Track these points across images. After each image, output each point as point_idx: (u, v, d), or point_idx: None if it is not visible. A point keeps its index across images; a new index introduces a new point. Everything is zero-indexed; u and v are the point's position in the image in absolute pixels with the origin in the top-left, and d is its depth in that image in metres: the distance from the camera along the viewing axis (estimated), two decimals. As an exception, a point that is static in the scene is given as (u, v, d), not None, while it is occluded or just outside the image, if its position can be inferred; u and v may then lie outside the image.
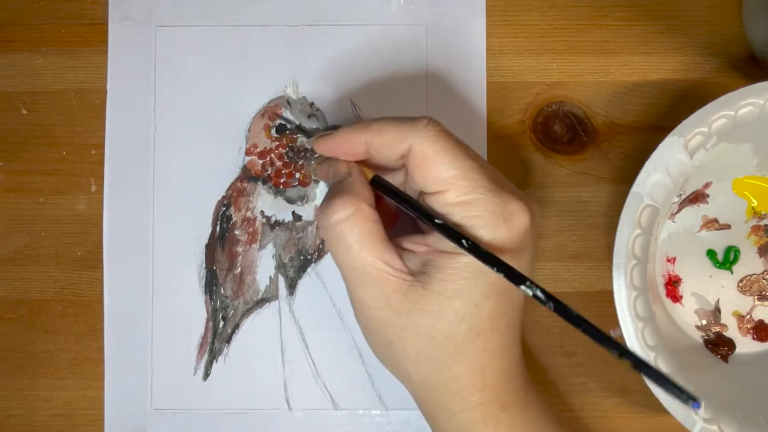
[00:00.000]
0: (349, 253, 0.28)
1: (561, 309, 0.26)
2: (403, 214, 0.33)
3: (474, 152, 0.29)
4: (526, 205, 0.28)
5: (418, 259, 0.29)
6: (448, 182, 0.28)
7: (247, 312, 0.36)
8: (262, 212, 0.37)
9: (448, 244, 0.28)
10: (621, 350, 0.25)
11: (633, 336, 0.31)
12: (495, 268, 0.27)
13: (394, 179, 0.31)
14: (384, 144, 0.29)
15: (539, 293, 0.26)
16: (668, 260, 0.36)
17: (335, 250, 0.29)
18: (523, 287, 0.26)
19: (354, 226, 0.28)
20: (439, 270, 0.28)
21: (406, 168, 0.29)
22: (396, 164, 0.30)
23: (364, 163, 0.31)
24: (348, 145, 0.30)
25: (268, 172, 0.37)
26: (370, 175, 0.30)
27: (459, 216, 0.28)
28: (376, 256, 0.28)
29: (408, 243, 0.30)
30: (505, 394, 0.30)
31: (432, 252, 0.29)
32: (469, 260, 0.28)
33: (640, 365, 0.25)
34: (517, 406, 0.30)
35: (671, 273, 0.36)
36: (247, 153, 0.37)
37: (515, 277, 0.26)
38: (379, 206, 0.30)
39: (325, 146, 0.31)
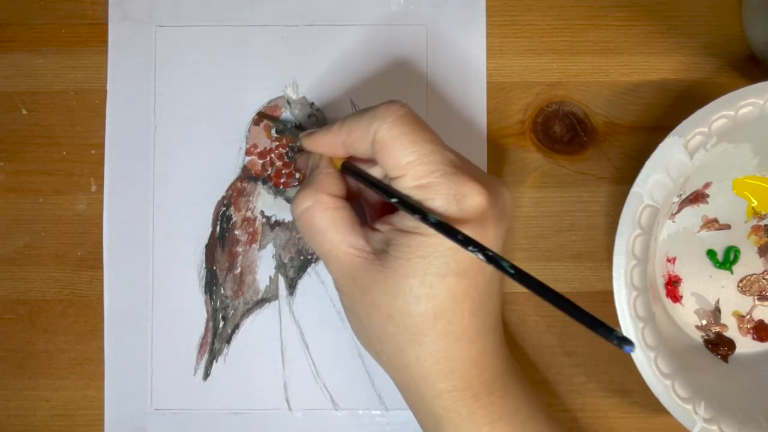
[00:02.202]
0: (316, 239, 0.31)
1: (501, 268, 0.26)
2: None
3: (434, 136, 0.30)
4: (482, 187, 0.29)
5: (382, 238, 0.30)
6: (406, 167, 0.29)
7: (247, 312, 0.36)
8: (262, 212, 0.37)
9: (407, 223, 0.29)
10: (561, 300, 0.25)
11: (633, 336, 0.31)
12: (445, 234, 0.27)
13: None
14: (356, 140, 0.30)
15: (480, 256, 0.26)
16: (668, 260, 0.36)
17: (306, 238, 0.32)
18: (469, 251, 0.27)
19: (315, 215, 0.30)
20: (397, 248, 0.29)
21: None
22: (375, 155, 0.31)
23: (351, 159, 0.32)
24: (327, 147, 0.31)
25: (268, 172, 0.37)
26: (339, 163, 0.32)
27: (416, 199, 0.29)
28: (340, 240, 0.30)
29: (378, 223, 0.31)
30: (477, 383, 0.30)
31: (393, 231, 0.30)
32: (423, 239, 0.28)
33: (566, 306, 0.24)
34: (493, 396, 0.30)
35: (671, 273, 0.36)
36: (247, 153, 0.37)
37: (462, 241, 0.27)
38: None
39: (310, 143, 0.32)
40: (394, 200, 0.29)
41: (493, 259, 0.26)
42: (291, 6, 0.37)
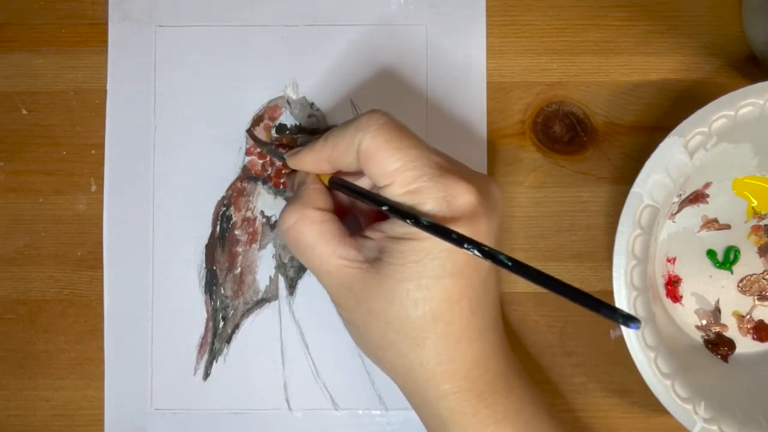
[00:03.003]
0: (305, 254, 0.31)
1: (498, 262, 0.26)
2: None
3: (418, 141, 0.30)
4: (470, 185, 0.29)
5: (375, 246, 0.30)
6: (393, 175, 0.29)
7: (247, 312, 0.36)
8: (262, 212, 0.37)
9: (398, 230, 0.29)
10: (562, 286, 0.25)
11: (633, 336, 0.31)
12: (439, 235, 0.27)
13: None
14: (341, 154, 0.30)
15: (476, 252, 0.26)
16: (668, 260, 0.36)
17: (295, 253, 0.32)
18: (464, 249, 0.27)
19: (302, 231, 0.30)
20: (390, 255, 0.29)
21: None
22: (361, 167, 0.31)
23: (339, 173, 0.32)
24: (314, 164, 0.32)
25: (268, 172, 0.37)
26: (327, 179, 0.32)
27: (407, 205, 0.29)
28: (329, 253, 0.30)
29: (369, 231, 0.31)
30: (480, 383, 0.30)
31: (385, 238, 0.30)
32: (416, 243, 0.29)
33: (569, 292, 0.24)
34: (497, 395, 0.30)
35: (671, 273, 0.36)
36: (247, 153, 0.37)
37: (456, 240, 0.27)
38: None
39: (296, 162, 0.32)
40: (384, 208, 0.29)
41: (489, 253, 0.26)
42: (291, 6, 0.37)
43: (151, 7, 0.37)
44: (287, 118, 0.37)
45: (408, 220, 0.28)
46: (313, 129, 0.37)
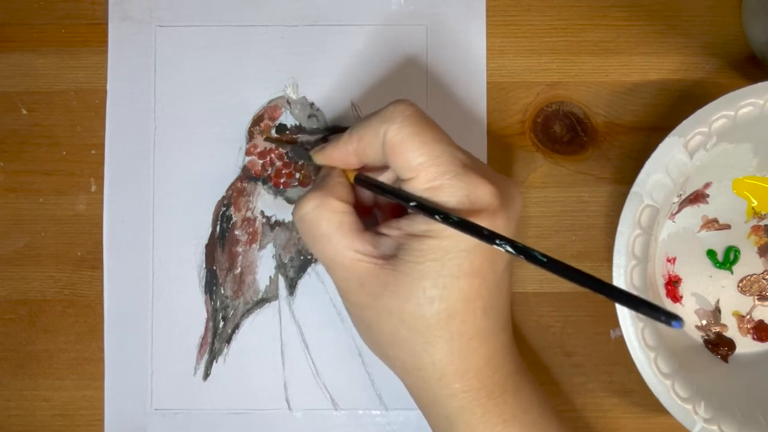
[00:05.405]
0: (319, 244, 0.30)
1: (532, 258, 0.26)
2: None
3: (443, 135, 0.29)
4: (492, 186, 0.29)
5: (392, 243, 0.30)
6: (416, 169, 0.28)
7: (247, 312, 0.36)
8: (262, 212, 0.37)
9: (417, 227, 0.29)
10: (608, 288, 0.24)
11: (633, 336, 0.31)
12: (469, 232, 0.27)
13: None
14: (367, 146, 0.30)
15: (509, 248, 0.26)
16: (668, 260, 0.36)
17: (308, 242, 0.31)
18: (495, 245, 0.26)
19: (320, 219, 0.30)
20: (408, 252, 0.29)
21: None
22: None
23: (364, 169, 0.32)
24: (341, 158, 0.31)
25: (268, 172, 0.37)
26: (352, 175, 0.31)
27: (431, 201, 0.29)
28: (346, 245, 0.30)
29: (385, 228, 0.30)
30: (490, 382, 0.30)
31: (404, 235, 0.29)
32: (436, 242, 0.28)
33: (622, 297, 0.24)
34: (506, 395, 0.30)
35: (671, 273, 0.36)
36: (247, 153, 0.37)
37: (487, 237, 0.26)
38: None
39: (322, 158, 0.32)
40: (412, 204, 0.28)
41: (523, 250, 0.26)
42: (291, 6, 0.37)
43: (151, 7, 0.37)
44: (287, 118, 0.37)
45: (437, 217, 0.27)
46: (313, 129, 0.37)
